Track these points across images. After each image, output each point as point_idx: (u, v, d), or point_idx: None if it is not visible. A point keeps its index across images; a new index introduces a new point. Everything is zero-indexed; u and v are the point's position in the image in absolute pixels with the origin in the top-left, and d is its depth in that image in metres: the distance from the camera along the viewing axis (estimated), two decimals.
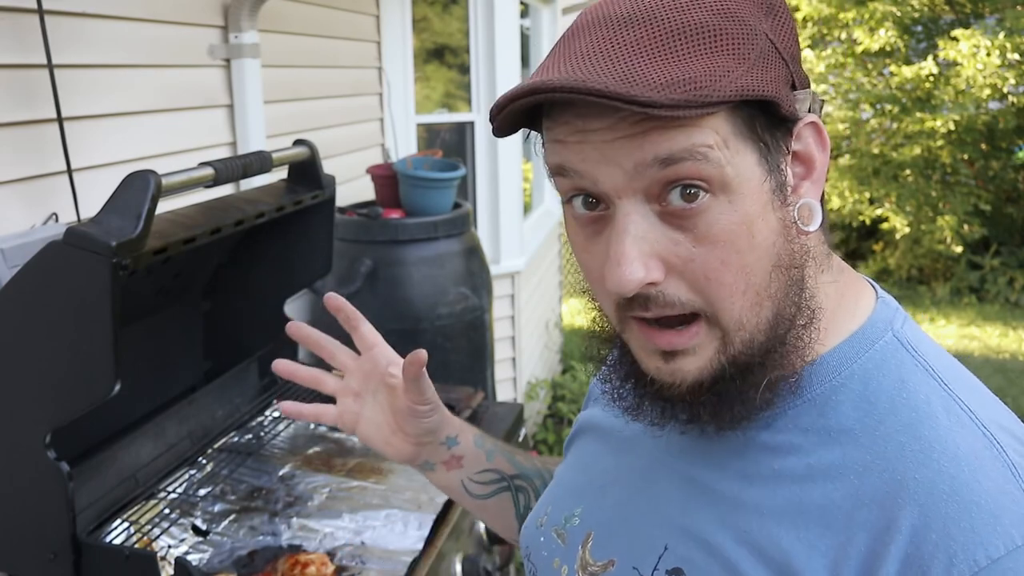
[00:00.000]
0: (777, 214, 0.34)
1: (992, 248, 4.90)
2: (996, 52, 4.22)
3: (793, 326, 0.35)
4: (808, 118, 0.36)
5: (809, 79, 0.37)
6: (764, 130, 0.34)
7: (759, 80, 0.33)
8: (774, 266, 0.34)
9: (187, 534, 0.90)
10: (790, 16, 0.36)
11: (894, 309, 0.38)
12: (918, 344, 0.36)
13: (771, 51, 0.34)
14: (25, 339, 0.73)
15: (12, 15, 0.95)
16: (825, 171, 0.36)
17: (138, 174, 0.73)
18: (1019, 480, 0.31)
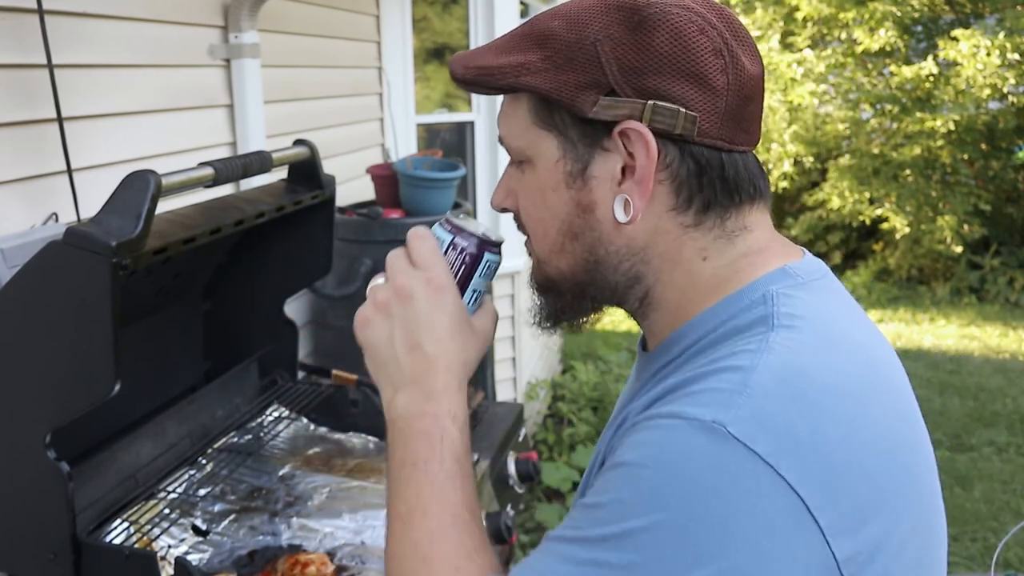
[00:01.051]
0: (569, 192, 0.44)
1: (992, 248, 4.90)
2: (996, 52, 4.22)
3: (604, 282, 0.45)
4: (626, 124, 0.41)
5: (670, 90, 0.41)
6: (566, 124, 0.43)
7: (552, 81, 0.42)
8: (563, 232, 0.45)
9: (187, 534, 0.90)
10: (672, 39, 0.41)
11: (787, 277, 0.43)
12: (786, 308, 0.41)
13: (591, 59, 0.41)
14: (25, 339, 0.73)
15: (12, 15, 0.95)
16: (650, 170, 0.42)
17: (138, 174, 0.73)
18: None
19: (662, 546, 0.35)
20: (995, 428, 2.96)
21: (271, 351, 1.18)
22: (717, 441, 0.35)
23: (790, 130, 4.92)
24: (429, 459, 0.43)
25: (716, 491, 0.35)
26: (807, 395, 0.37)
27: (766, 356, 0.38)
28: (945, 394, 3.29)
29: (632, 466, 0.37)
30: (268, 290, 1.15)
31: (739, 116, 0.42)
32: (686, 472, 0.35)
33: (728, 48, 0.42)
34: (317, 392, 1.18)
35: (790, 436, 0.36)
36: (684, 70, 0.41)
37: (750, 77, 0.43)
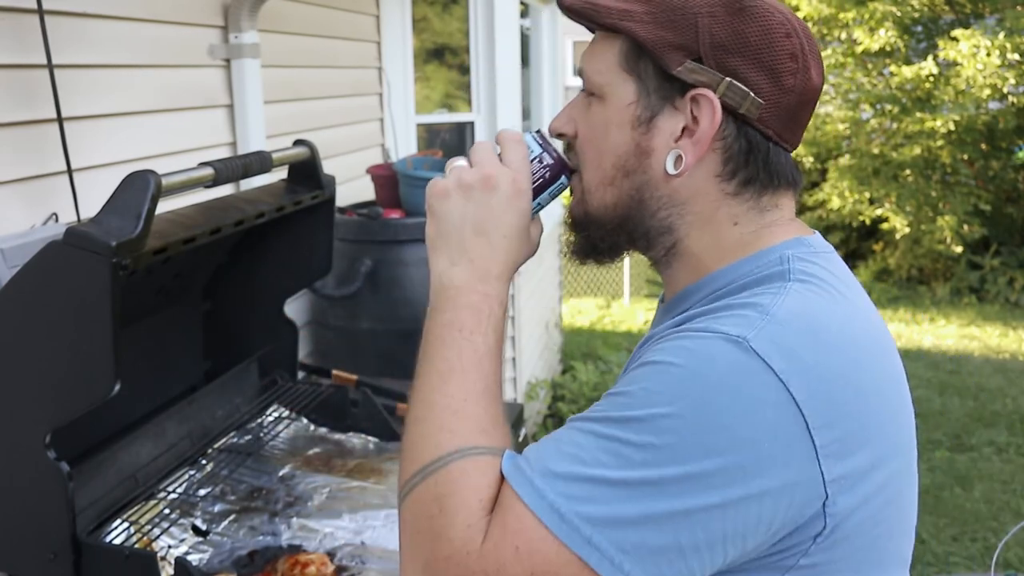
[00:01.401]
0: (634, 134, 0.49)
1: (992, 248, 4.90)
2: (996, 52, 4.22)
3: (640, 223, 0.50)
4: (700, 91, 0.47)
5: (747, 75, 0.47)
6: (648, 75, 0.48)
7: (651, 34, 0.47)
8: (617, 167, 0.49)
9: (187, 534, 0.90)
10: (759, 26, 0.47)
11: (802, 245, 0.49)
12: (801, 267, 0.47)
13: (689, 26, 0.47)
14: (25, 339, 0.73)
15: (12, 15, 0.95)
16: (709, 135, 0.47)
17: (138, 174, 0.73)
18: None
19: (678, 433, 0.39)
20: (995, 428, 2.96)
21: (271, 351, 1.18)
22: (741, 352, 0.40)
23: None
24: (474, 330, 0.47)
25: (734, 394, 0.40)
26: (818, 334, 0.43)
27: (784, 298, 0.44)
28: (945, 394, 3.29)
29: (662, 363, 0.42)
30: (268, 290, 1.16)
31: (794, 117, 0.48)
32: (711, 373, 0.40)
33: (803, 56, 0.48)
34: (317, 392, 1.18)
35: (800, 362, 0.41)
36: (764, 62, 0.46)
37: (812, 87, 0.49)
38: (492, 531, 0.41)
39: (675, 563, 0.39)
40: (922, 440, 2.87)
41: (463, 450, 0.43)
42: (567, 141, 0.52)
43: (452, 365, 0.46)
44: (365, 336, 1.72)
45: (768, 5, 0.47)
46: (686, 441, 0.39)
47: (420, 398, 0.47)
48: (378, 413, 1.16)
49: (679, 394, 0.40)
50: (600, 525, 0.39)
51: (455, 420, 0.44)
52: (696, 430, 0.39)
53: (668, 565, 0.39)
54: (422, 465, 0.44)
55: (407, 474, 0.44)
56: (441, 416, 0.45)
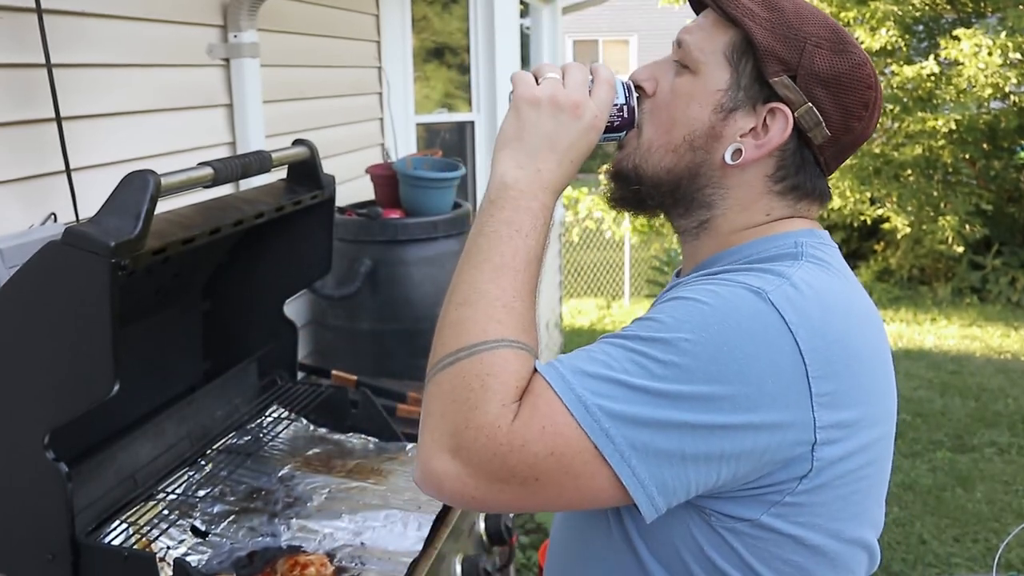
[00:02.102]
0: (712, 117, 0.54)
1: (994, 248, 4.89)
2: (998, 51, 4.21)
3: (687, 185, 0.55)
4: (782, 105, 0.53)
5: (825, 105, 0.53)
6: (745, 71, 0.53)
7: (765, 36, 0.52)
8: (687, 138, 0.54)
9: (186, 535, 0.90)
10: (851, 69, 0.53)
11: (813, 236, 0.55)
12: (812, 251, 0.53)
13: (798, 47, 0.52)
14: (24, 339, 0.73)
15: (10, 14, 0.95)
16: (772, 146, 0.54)
17: (137, 174, 0.73)
18: None
19: (698, 358, 0.45)
20: (997, 428, 2.95)
21: (270, 351, 1.18)
22: (760, 301, 0.47)
23: None
24: (530, 233, 0.51)
25: (750, 334, 0.46)
26: (825, 302, 0.49)
27: (799, 270, 0.50)
28: (947, 394, 3.29)
29: (691, 299, 0.48)
30: (267, 290, 1.15)
31: (843, 153, 0.56)
32: (733, 314, 0.46)
33: (873, 108, 0.55)
34: (317, 392, 1.18)
35: (809, 320, 0.47)
36: (843, 102, 0.53)
37: (866, 136, 0.56)
38: (523, 412, 0.45)
39: (675, 468, 0.45)
40: (923, 440, 2.87)
41: (509, 341, 0.47)
42: (638, 96, 0.56)
43: (507, 261, 0.50)
44: (365, 336, 1.72)
45: (863, 56, 0.54)
46: (703, 366, 0.45)
47: (471, 285, 0.50)
48: (378, 414, 1.16)
49: (703, 326, 0.46)
50: (617, 420, 0.44)
51: (504, 313, 0.48)
52: (713, 359, 0.45)
53: (668, 468, 0.45)
54: (468, 344, 0.47)
55: (448, 348, 0.48)
56: (492, 306, 0.49)
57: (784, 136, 0.53)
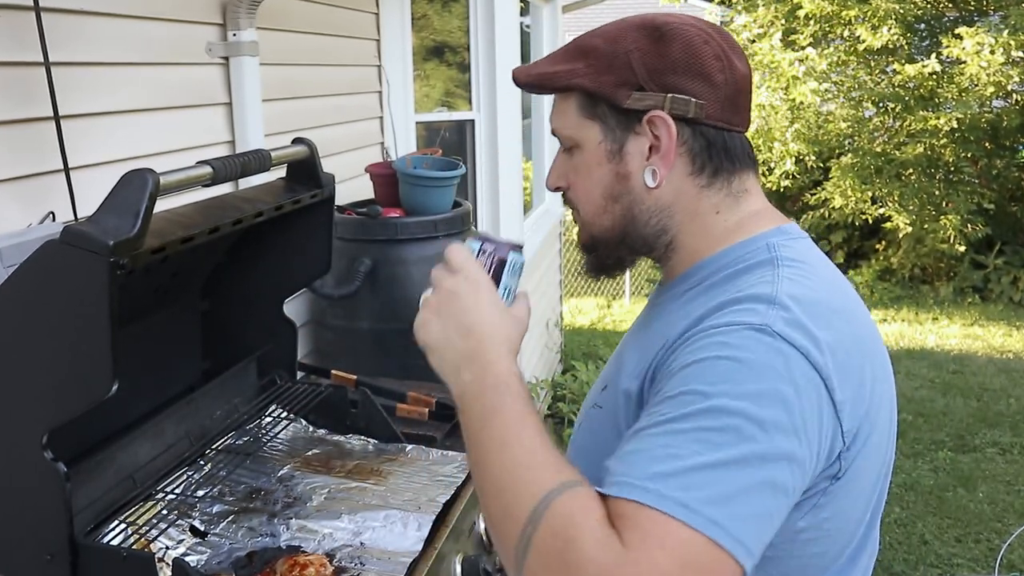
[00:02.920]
0: (611, 166, 0.58)
1: (996, 247, 4.88)
2: (1000, 50, 4.20)
3: (637, 235, 0.59)
4: (652, 113, 0.56)
5: (684, 86, 0.55)
6: (606, 114, 0.57)
7: (595, 82, 0.56)
8: (606, 196, 0.58)
9: (185, 535, 0.89)
10: (684, 47, 0.55)
11: (782, 234, 0.57)
12: (786, 254, 0.55)
13: (625, 65, 0.56)
14: (22, 339, 0.72)
15: (9, 12, 0.95)
16: (671, 147, 0.56)
17: (136, 173, 0.72)
18: None
19: (745, 414, 0.46)
20: (999, 428, 2.94)
21: (270, 351, 1.17)
22: (769, 337, 0.49)
23: (792, 128, 4.90)
24: (503, 402, 0.51)
25: (778, 373, 0.47)
26: (816, 310, 0.51)
27: (780, 284, 0.52)
28: (948, 394, 3.28)
29: (708, 359, 0.49)
30: (267, 289, 1.15)
31: (734, 104, 0.57)
32: (753, 359, 0.48)
33: (724, 54, 0.56)
34: (316, 392, 1.18)
35: (812, 336, 0.50)
36: (693, 70, 0.55)
37: (741, 75, 0.57)
38: (630, 539, 0.43)
39: (772, 520, 0.46)
40: (925, 440, 2.86)
41: (553, 490, 0.46)
42: (564, 192, 0.61)
43: (503, 438, 0.49)
44: (365, 336, 1.72)
45: (682, 23, 0.56)
46: (753, 418, 0.46)
47: (491, 477, 0.49)
48: (378, 414, 1.16)
49: (737, 382, 0.47)
50: (717, 504, 0.44)
51: (532, 473, 0.48)
52: (759, 408, 0.46)
53: (768, 524, 0.46)
54: (525, 520, 0.46)
55: (513, 538, 0.46)
56: (519, 478, 0.48)
57: (673, 132, 0.55)
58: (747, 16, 5.19)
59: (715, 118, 0.56)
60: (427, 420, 1.23)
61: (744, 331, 0.48)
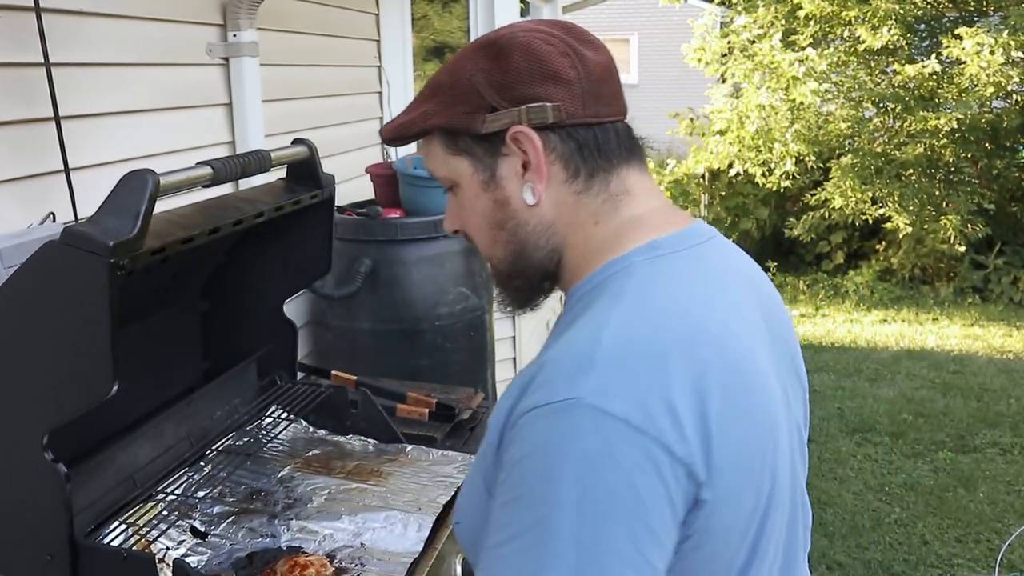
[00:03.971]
0: (488, 194, 0.55)
1: (996, 248, 4.88)
2: (1000, 50, 4.20)
3: (531, 261, 0.56)
4: (512, 129, 0.53)
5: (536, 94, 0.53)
6: (470, 145, 0.55)
7: (449, 116, 0.54)
8: (492, 226, 0.56)
9: (185, 536, 0.89)
10: (525, 56, 0.53)
11: (652, 250, 0.53)
12: (635, 282, 0.51)
13: (471, 92, 0.53)
14: (22, 340, 0.72)
15: (9, 13, 0.95)
16: (541, 158, 0.53)
17: (136, 173, 0.72)
18: None
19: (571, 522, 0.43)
20: (999, 429, 2.94)
21: (270, 351, 1.17)
22: (581, 413, 0.44)
23: (792, 129, 4.90)
24: None
25: (594, 459, 0.44)
26: (651, 358, 0.47)
27: (607, 332, 0.48)
28: (948, 395, 3.28)
29: (523, 461, 0.46)
30: (267, 290, 1.15)
31: (597, 95, 0.54)
32: (566, 451, 0.44)
33: (572, 49, 0.53)
34: (316, 393, 1.18)
35: (636, 398, 0.45)
36: (541, 75, 0.53)
37: (597, 63, 0.54)
38: None
39: None
40: (925, 441, 2.86)
41: None
42: (463, 233, 0.59)
43: None
44: (365, 336, 1.72)
45: (518, 31, 0.54)
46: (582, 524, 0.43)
47: None
48: (378, 414, 1.15)
49: (553, 485, 0.44)
50: None
51: None
52: (582, 512, 0.43)
53: None
54: None
55: None
56: None
57: (538, 143, 0.52)
58: (747, 17, 5.19)
59: (579, 116, 0.53)
60: (427, 421, 1.23)
61: (554, 415, 0.45)
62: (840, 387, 3.35)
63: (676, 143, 7.11)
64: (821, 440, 2.85)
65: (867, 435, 2.90)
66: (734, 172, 5.22)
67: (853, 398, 3.23)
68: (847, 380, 3.44)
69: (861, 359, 3.69)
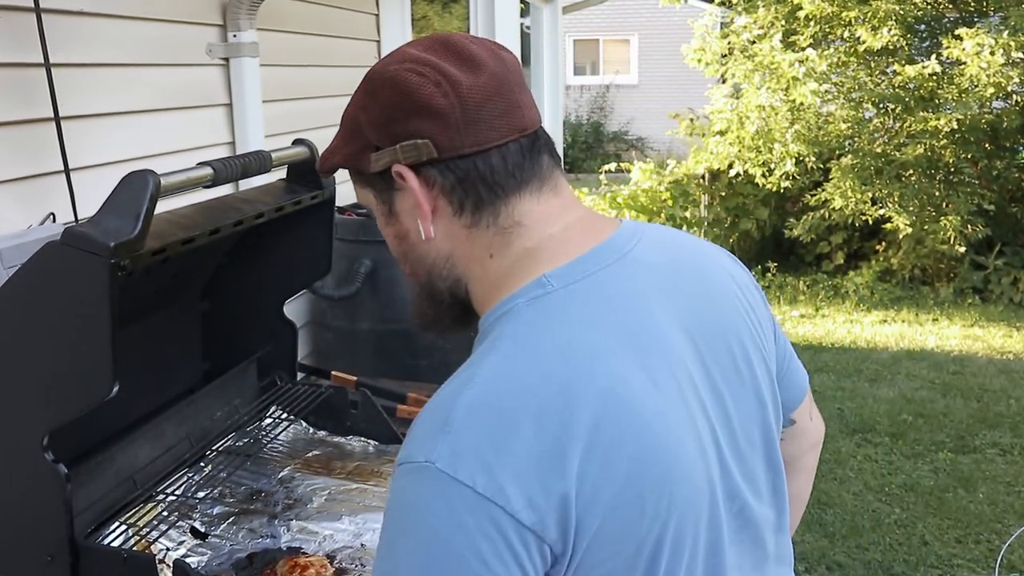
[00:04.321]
0: (391, 227, 0.56)
1: (996, 248, 4.87)
2: (1000, 51, 4.20)
3: (435, 289, 0.56)
4: (394, 168, 0.52)
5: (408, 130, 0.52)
6: (371, 178, 0.55)
7: (344, 155, 0.55)
8: (400, 255, 0.57)
9: (186, 537, 0.89)
10: (394, 91, 0.52)
11: (539, 287, 0.51)
12: (512, 329, 0.50)
13: (358, 131, 0.54)
14: (23, 340, 0.72)
15: (9, 14, 0.95)
16: (422, 196, 0.52)
17: (136, 174, 0.72)
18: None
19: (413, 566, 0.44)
20: (999, 429, 2.94)
21: (270, 352, 1.17)
22: (431, 476, 0.45)
23: (792, 130, 4.90)
24: None
25: (439, 525, 0.44)
26: (514, 413, 0.46)
27: (470, 387, 0.47)
28: (948, 395, 3.28)
29: (388, 511, 0.47)
30: (267, 291, 1.15)
31: (475, 120, 0.51)
32: (416, 516, 0.45)
33: (443, 74, 0.51)
34: (317, 393, 1.18)
35: (483, 462, 0.44)
36: (411, 109, 0.51)
37: (473, 87, 0.51)
38: None
39: None
40: (925, 441, 2.86)
41: None
42: None
43: None
44: (365, 337, 1.72)
45: (391, 64, 0.53)
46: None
47: None
48: (378, 415, 1.15)
49: (402, 546, 0.45)
50: None
51: None
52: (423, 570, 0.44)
53: None
54: None
55: None
56: None
57: (414, 181, 0.51)
58: (747, 17, 5.19)
59: (456, 147, 0.50)
60: None
61: (410, 475, 0.45)
62: (840, 387, 3.35)
63: (676, 143, 7.11)
64: None
65: (867, 436, 2.90)
66: (734, 173, 5.22)
67: (853, 399, 3.23)
68: (847, 381, 3.44)
69: (861, 360, 3.69)
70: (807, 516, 2.32)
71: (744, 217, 5.71)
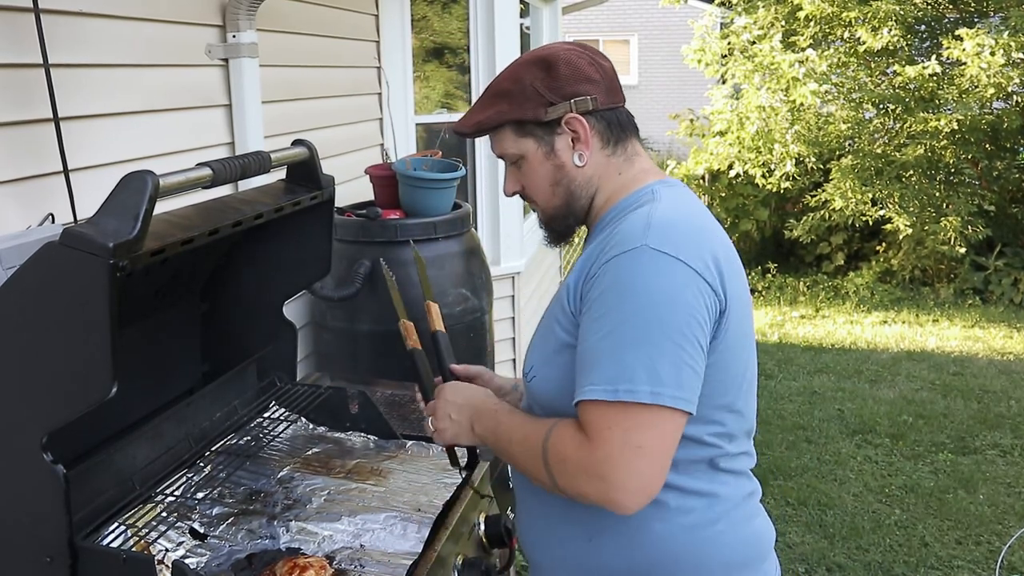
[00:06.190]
0: (548, 163, 0.82)
1: (996, 249, 4.87)
2: (1000, 51, 4.20)
3: (576, 204, 0.83)
4: (567, 116, 0.80)
5: (579, 91, 0.80)
6: (535, 128, 0.81)
7: (518, 112, 0.80)
8: (551, 184, 0.83)
9: (185, 537, 0.89)
10: (567, 66, 0.80)
11: (663, 184, 0.82)
12: (664, 193, 0.80)
13: (534, 93, 0.80)
14: (22, 341, 0.72)
15: (8, 14, 0.95)
16: (587, 133, 0.80)
17: (136, 175, 0.72)
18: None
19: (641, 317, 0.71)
20: (999, 430, 2.94)
21: (270, 353, 1.17)
22: (647, 252, 0.72)
23: (792, 130, 4.90)
24: (498, 423, 0.81)
25: (659, 276, 0.71)
26: (685, 228, 0.76)
27: (655, 214, 0.75)
28: (949, 396, 3.28)
29: (610, 286, 0.72)
30: (267, 291, 1.15)
31: (612, 89, 0.82)
32: (641, 272, 0.71)
33: (593, 59, 0.81)
34: (316, 394, 1.18)
35: (678, 245, 0.73)
36: (579, 78, 0.80)
37: (609, 69, 0.82)
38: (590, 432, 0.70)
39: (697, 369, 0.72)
40: (925, 442, 2.85)
41: (544, 436, 0.74)
42: (521, 194, 0.85)
43: (510, 435, 0.79)
44: (364, 337, 1.71)
45: (560, 49, 0.81)
46: (659, 316, 0.70)
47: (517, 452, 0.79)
48: (378, 415, 1.15)
49: (634, 293, 0.70)
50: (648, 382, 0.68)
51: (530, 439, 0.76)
52: (657, 307, 0.70)
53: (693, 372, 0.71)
54: (541, 462, 0.74)
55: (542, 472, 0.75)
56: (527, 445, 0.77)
57: (586, 125, 0.79)
58: (747, 17, 5.19)
59: (606, 103, 0.80)
60: None
61: (628, 255, 0.71)
62: (840, 388, 3.35)
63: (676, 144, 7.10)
64: (821, 441, 2.85)
65: (867, 437, 2.89)
66: (734, 173, 5.22)
67: (853, 400, 3.23)
68: (847, 382, 3.43)
69: (861, 360, 3.69)
70: (807, 517, 2.32)
71: (744, 218, 5.71)
